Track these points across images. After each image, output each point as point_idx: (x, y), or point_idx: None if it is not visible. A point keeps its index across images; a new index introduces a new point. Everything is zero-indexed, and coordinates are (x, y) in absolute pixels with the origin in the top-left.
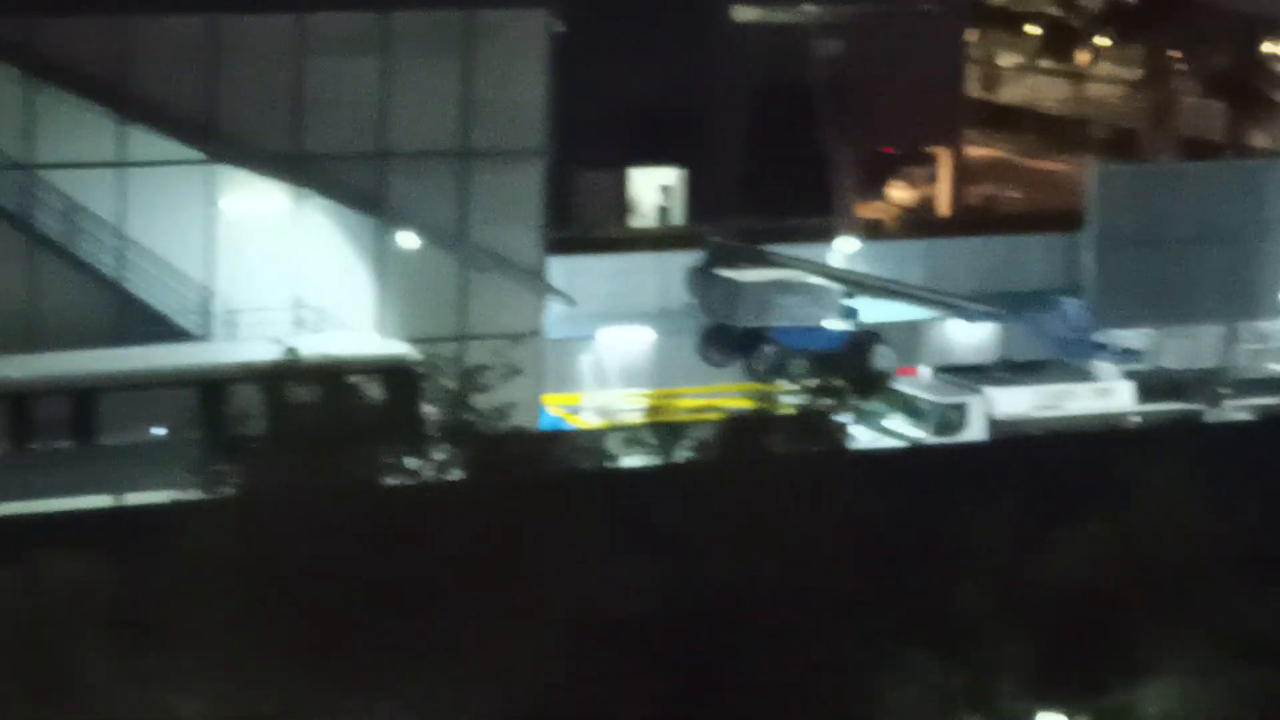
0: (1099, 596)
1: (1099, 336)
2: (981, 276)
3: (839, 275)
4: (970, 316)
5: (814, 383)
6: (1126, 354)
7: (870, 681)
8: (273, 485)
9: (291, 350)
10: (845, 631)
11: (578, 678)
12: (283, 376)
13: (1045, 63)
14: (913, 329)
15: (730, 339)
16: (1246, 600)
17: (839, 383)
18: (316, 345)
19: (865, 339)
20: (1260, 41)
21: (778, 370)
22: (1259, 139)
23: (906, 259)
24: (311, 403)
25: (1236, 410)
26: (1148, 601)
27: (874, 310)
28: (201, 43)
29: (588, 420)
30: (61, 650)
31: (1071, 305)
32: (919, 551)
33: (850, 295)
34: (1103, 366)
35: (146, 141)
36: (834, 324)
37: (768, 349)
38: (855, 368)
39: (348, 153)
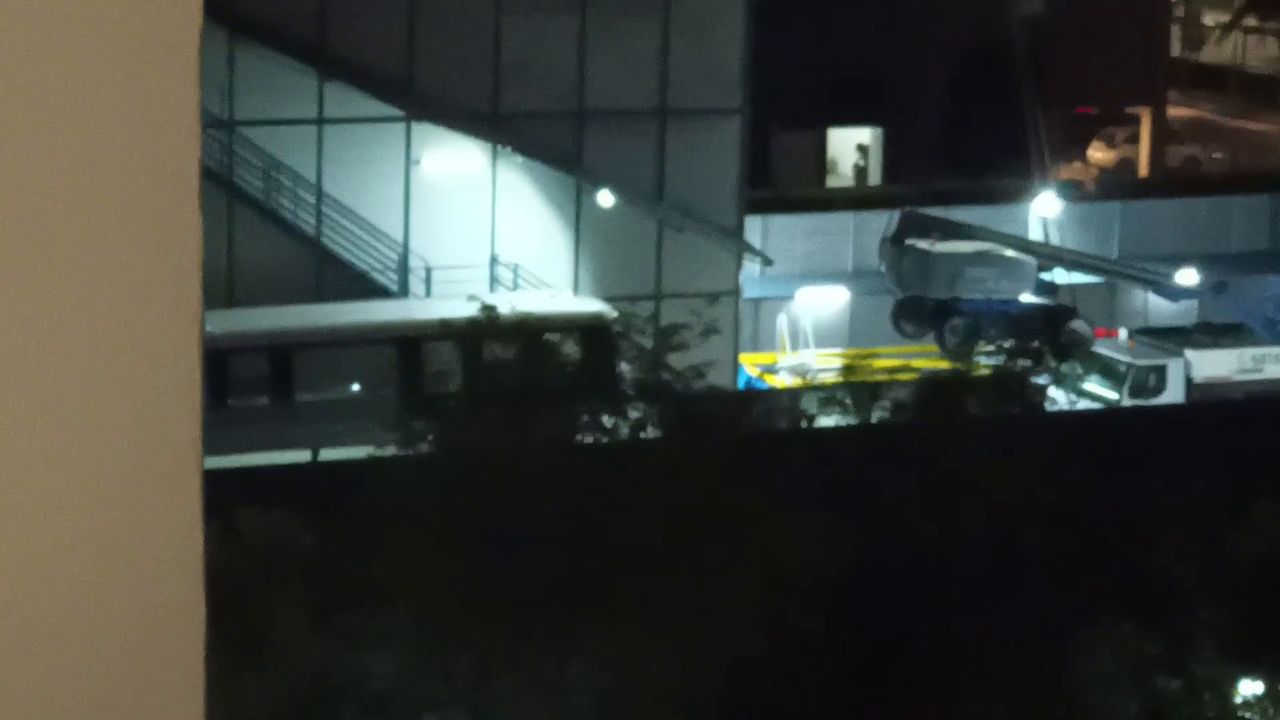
0: None
1: None
2: (1183, 239)
3: (1035, 248)
4: (1170, 295)
5: (1010, 346)
6: None
7: (1066, 647)
8: (470, 442)
9: (488, 308)
10: (1042, 595)
11: (776, 638)
12: (479, 334)
13: (1251, 21)
14: (1111, 291)
15: (922, 311)
16: None
17: (1035, 346)
18: (513, 303)
19: (1060, 313)
20: None
21: (969, 344)
22: None
23: (1107, 220)
24: (508, 360)
25: None
26: None
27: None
28: (401, 1)
29: (784, 380)
30: (260, 605)
31: (1275, 284)
32: (1117, 515)
33: (1046, 268)
34: None
35: (346, 99)
36: (1028, 298)
37: (959, 322)
38: (1049, 341)
39: (546, 111)
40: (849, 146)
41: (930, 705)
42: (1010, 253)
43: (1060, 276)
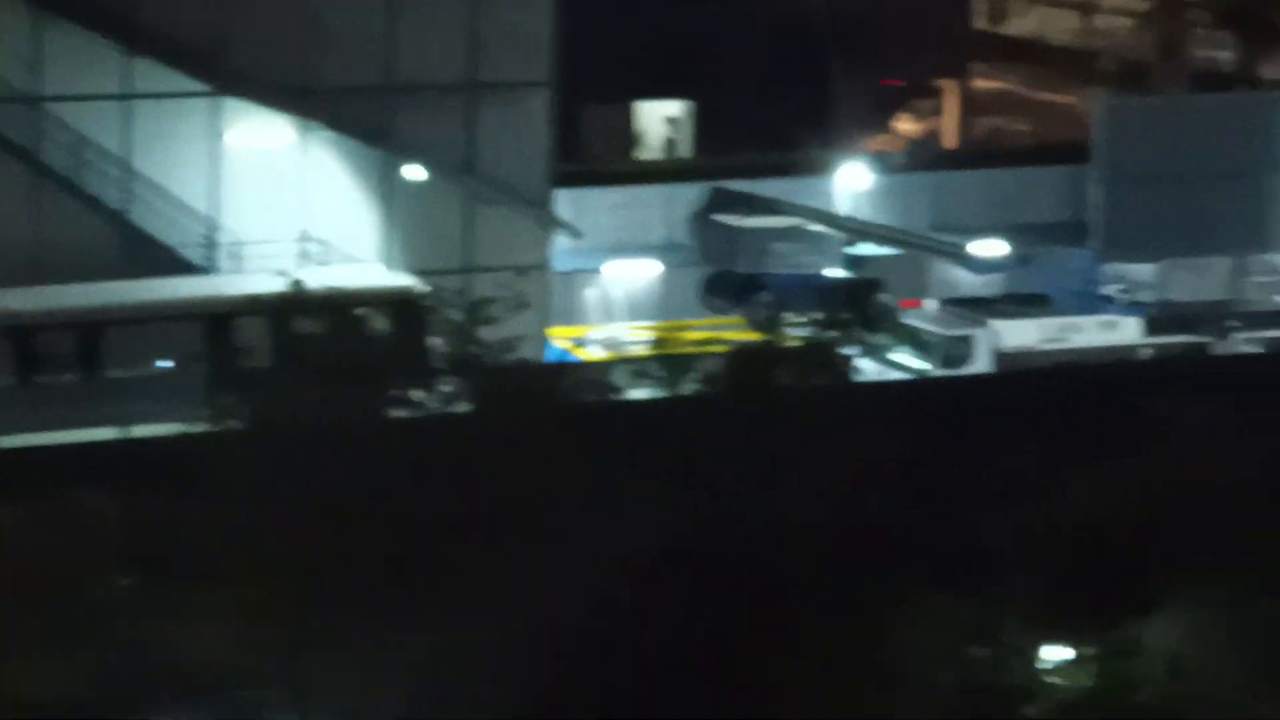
0: (1110, 531)
1: (1108, 289)
2: (989, 210)
3: (840, 222)
4: (976, 267)
5: (817, 318)
6: (1134, 307)
7: (880, 614)
8: (281, 417)
9: (298, 283)
10: (854, 564)
11: (595, 610)
12: (289, 309)
13: None
14: (920, 262)
15: (730, 285)
16: (1258, 533)
17: (844, 317)
18: (323, 278)
19: (865, 286)
20: None
21: (776, 316)
22: (1269, 71)
23: (915, 192)
24: (318, 335)
25: (1245, 343)
26: (1161, 536)
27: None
28: None
29: (594, 353)
30: (73, 582)
31: (1079, 257)
32: (927, 484)
33: (852, 243)
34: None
35: (153, 74)
36: (834, 271)
37: (766, 295)
38: (851, 313)
39: (354, 86)
40: (658, 120)
41: (751, 672)
42: (816, 227)
43: (868, 249)
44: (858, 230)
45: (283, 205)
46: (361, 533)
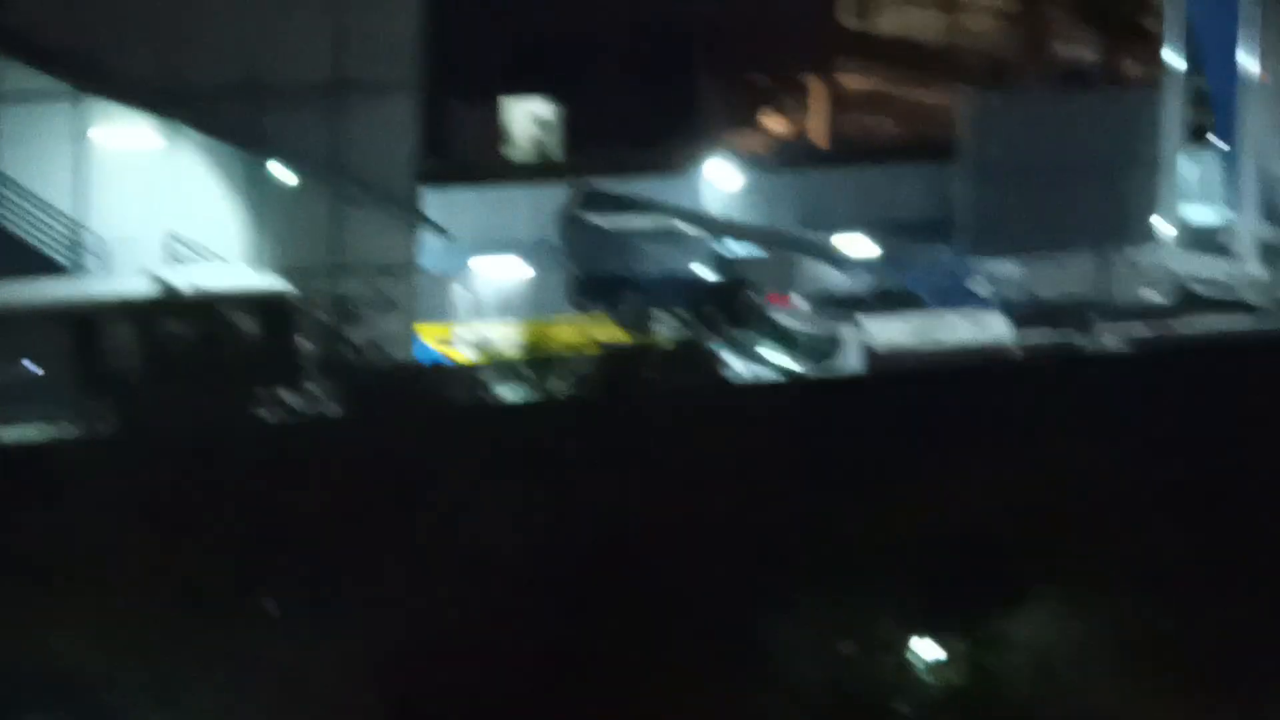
0: (978, 529)
1: (975, 286)
2: (857, 208)
3: (707, 222)
4: (843, 267)
5: (685, 317)
6: (1000, 304)
7: (749, 612)
8: (147, 420)
9: (165, 284)
10: (724, 564)
11: (465, 611)
12: (156, 311)
13: None
14: (787, 260)
15: (598, 284)
16: (1126, 528)
17: (711, 316)
18: (190, 279)
19: (734, 285)
20: None
21: (644, 316)
22: (1131, 68)
23: (782, 190)
24: (186, 337)
25: (1110, 338)
26: (1030, 534)
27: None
28: None
29: (463, 352)
30: None
31: (946, 255)
32: (801, 485)
33: (720, 241)
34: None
35: (15, 73)
36: (702, 271)
37: (634, 295)
38: (719, 311)
39: (220, 87)
40: (526, 119)
41: (624, 675)
42: (685, 227)
43: (738, 248)
44: (726, 229)
45: (150, 206)
46: (224, 537)
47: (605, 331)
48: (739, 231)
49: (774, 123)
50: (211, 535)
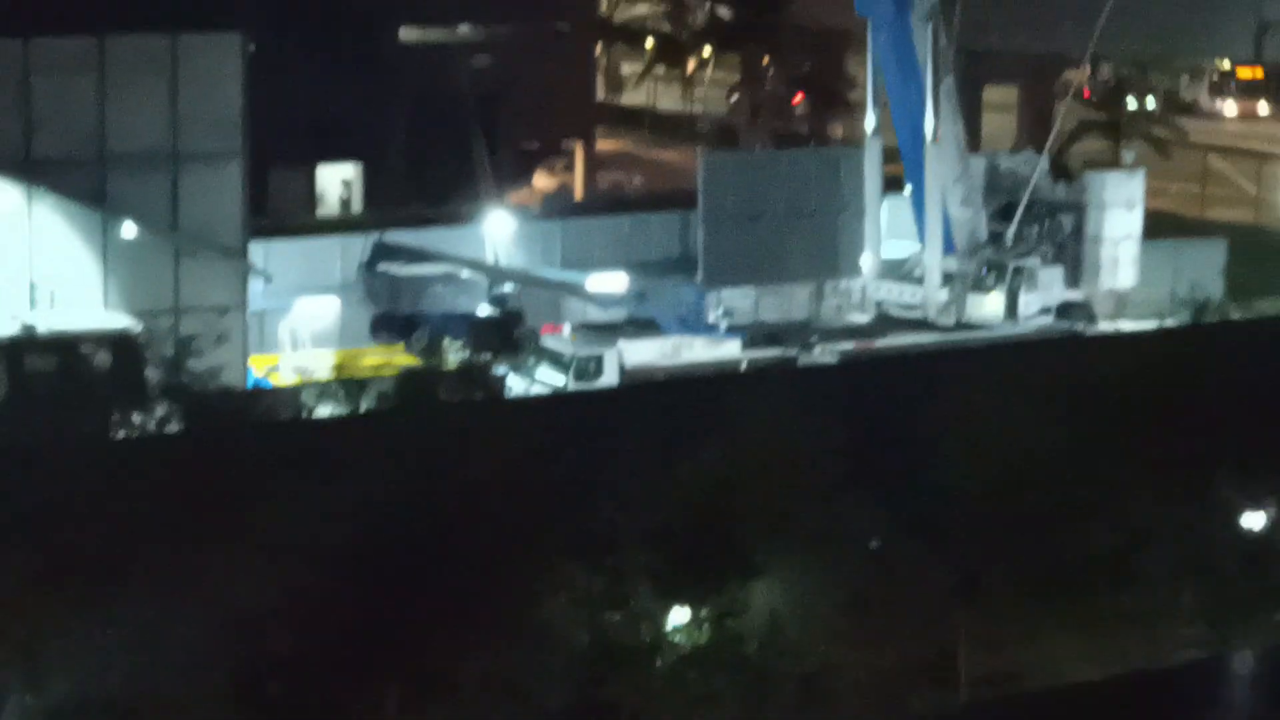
0: (720, 513)
1: (711, 318)
2: (613, 250)
3: (485, 269)
4: (602, 302)
5: (470, 347)
6: (732, 331)
7: (529, 588)
8: (12, 442)
9: (27, 325)
10: (507, 547)
11: (282, 599)
12: (20, 348)
13: (659, 70)
14: (556, 296)
15: (394, 323)
16: (834, 510)
17: (492, 344)
18: (50, 321)
19: (511, 318)
20: (837, 50)
21: (434, 348)
22: (837, 130)
23: (550, 237)
24: (47, 371)
25: (823, 354)
26: (757, 514)
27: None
28: None
29: (287, 377)
30: None
31: (687, 291)
32: (569, 480)
33: (499, 284)
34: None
35: None
36: (483, 309)
37: (423, 331)
38: (498, 340)
39: (73, 156)
40: (335, 181)
41: (421, 640)
42: (466, 273)
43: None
44: (499, 274)
45: (13, 259)
46: (75, 539)
47: (405, 359)
48: (509, 276)
49: (543, 180)
50: (68, 539)
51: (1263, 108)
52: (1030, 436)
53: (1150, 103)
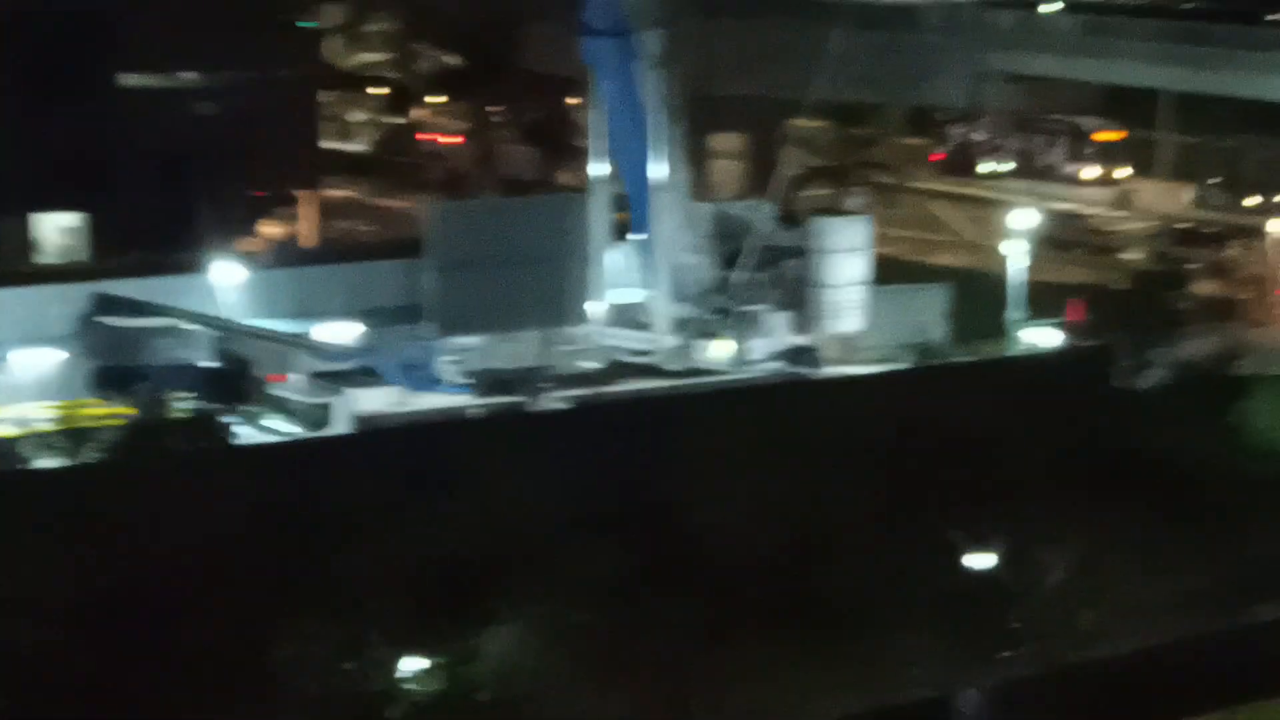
0: (453, 560)
1: (436, 372)
2: (341, 298)
3: (208, 321)
4: (328, 356)
5: (196, 397)
6: (457, 386)
7: (261, 638)
8: None
9: None
10: (237, 595)
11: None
12: None
13: (389, 118)
14: (283, 346)
15: (113, 377)
16: (570, 556)
17: (219, 395)
18: None
19: (236, 367)
20: (566, 97)
21: (158, 399)
22: (564, 177)
23: (277, 285)
24: None
25: (553, 400)
26: (494, 562)
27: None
28: None
29: (5, 429)
30: None
31: (415, 347)
32: (299, 529)
33: (221, 337)
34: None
35: None
36: (206, 359)
37: (145, 384)
38: (224, 391)
39: None
40: (56, 228)
41: (151, 692)
42: (188, 325)
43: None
44: (222, 327)
45: None
46: None
47: (129, 411)
48: (231, 328)
49: (270, 229)
50: None
51: (1123, 171)
52: (762, 479)
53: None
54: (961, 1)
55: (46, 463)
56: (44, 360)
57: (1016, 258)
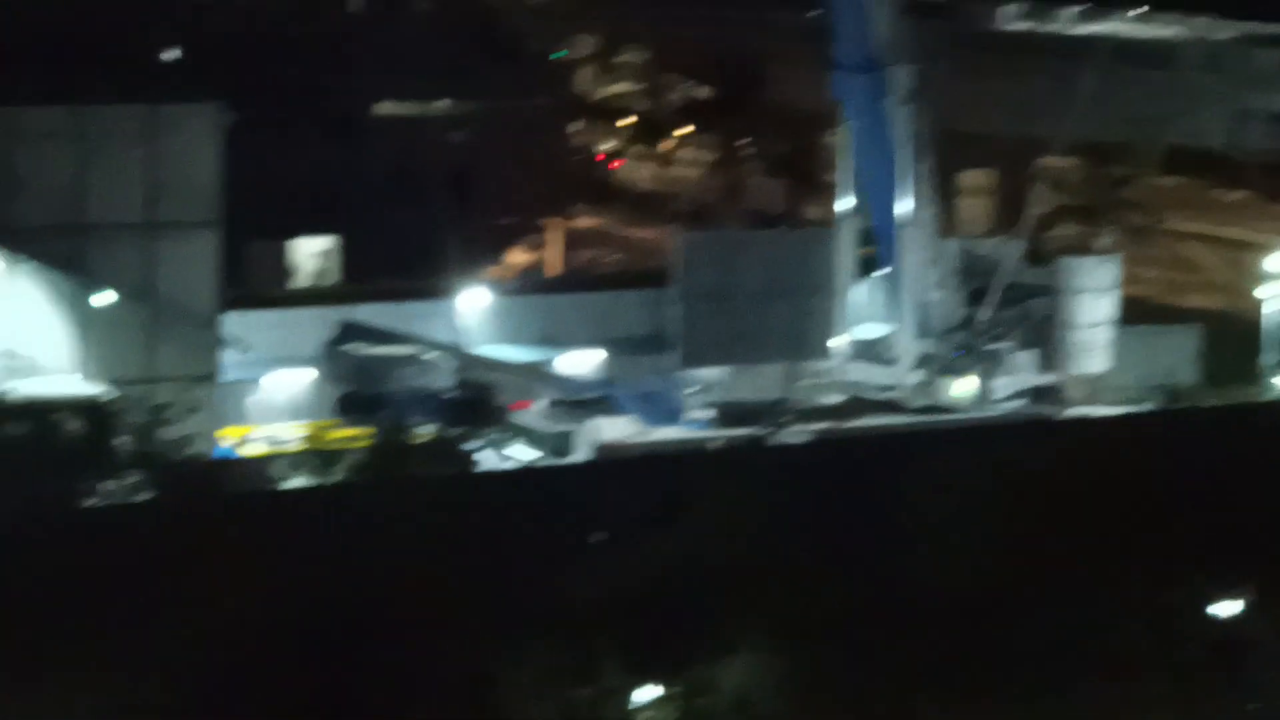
0: (683, 590)
1: (674, 406)
2: (587, 327)
3: (450, 351)
4: (567, 388)
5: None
6: (695, 422)
7: (494, 663)
8: None
9: (0, 392)
10: (479, 626)
11: (241, 672)
12: None
13: (638, 148)
14: (529, 373)
15: (360, 403)
16: (800, 589)
17: (459, 423)
18: (21, 388)
19: (480, 394)
20: (814, 131)
21: (400, 427)
22: (811, 210)
23: (524, 312)
24: (18, 437)
25: (794, 434)
26: (722, 594)
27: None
28: None
29: (256, 449)
30: None
31: (654, 380)
32: (540, 555)
33: (463, 367)
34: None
35: None
36: (449, 387)
37: (388, 412)
38: (467, 419)
39: (51, 225)
40: (311, 252)
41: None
42: (431, 354)
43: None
44: (465, 358)
45: None
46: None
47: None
48: (473, 359)
49: (518, 256)
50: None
51: None
52: (1000, 519)
53: None
54: (1224, 39)
55: (295, 482)
56: (295, 381)
57: (1273, 301)
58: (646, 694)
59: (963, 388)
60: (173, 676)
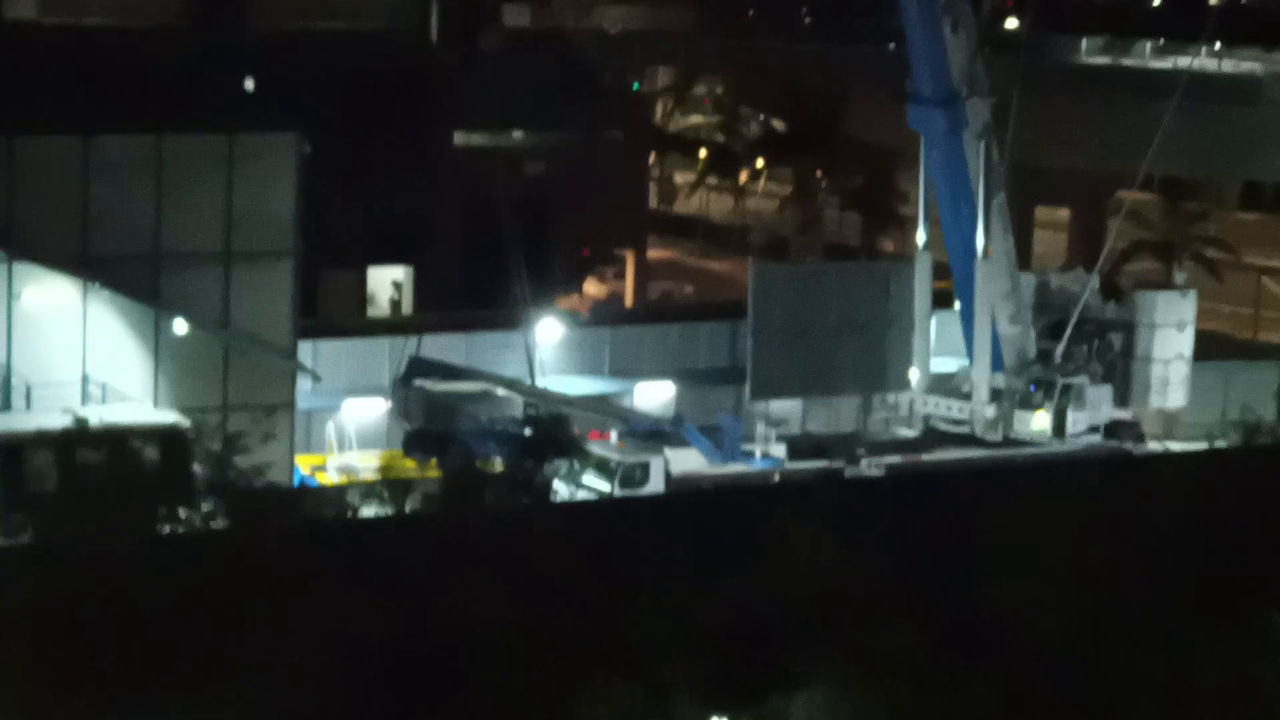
0: (758, 624)
1: (748, 448)
2: (660, 359)
3: (519, 388)
4: (637, 425)
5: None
6: (768, 459)
7: (567, 698)
8: (62, 534)
9: (80, 419)
10: (545, 655)
11: (321, 701)
12: (72, 441)
13: (712, 180)
14: (604, 404)
15: (428, 440)
16: (878, 627)
17: (537, 451)
18: (101, 415)
19: (555, 424)
20: (889, 166)
21: (470, 464)
22: (887, 243)
23: (598, 343)
24: (98, 464)
25: (870, 467)
26: (798, 627)
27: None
28: (2, 161)
29: (332, 478)
30: None
31: (725, 420)
32: (611, 588)
33: (532, 404)
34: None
35: None
36: (515, 426)
37: (459, 450)
38: (546, 448)
39: (128, 253)
40: (386, 282)
41: None
42: (501, 391)
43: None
44: (534, 395)
45: (68, 354)
46: (132, 638)
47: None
48: (543, 396)
49: (593, 287)
50: (116, 636)
51: None
52: (1076, 556)
53: None
54: None
55: (368, 511)
56: (370, 410)
57: None
58: None
59: (1039, 422)
60: (252, 706)
